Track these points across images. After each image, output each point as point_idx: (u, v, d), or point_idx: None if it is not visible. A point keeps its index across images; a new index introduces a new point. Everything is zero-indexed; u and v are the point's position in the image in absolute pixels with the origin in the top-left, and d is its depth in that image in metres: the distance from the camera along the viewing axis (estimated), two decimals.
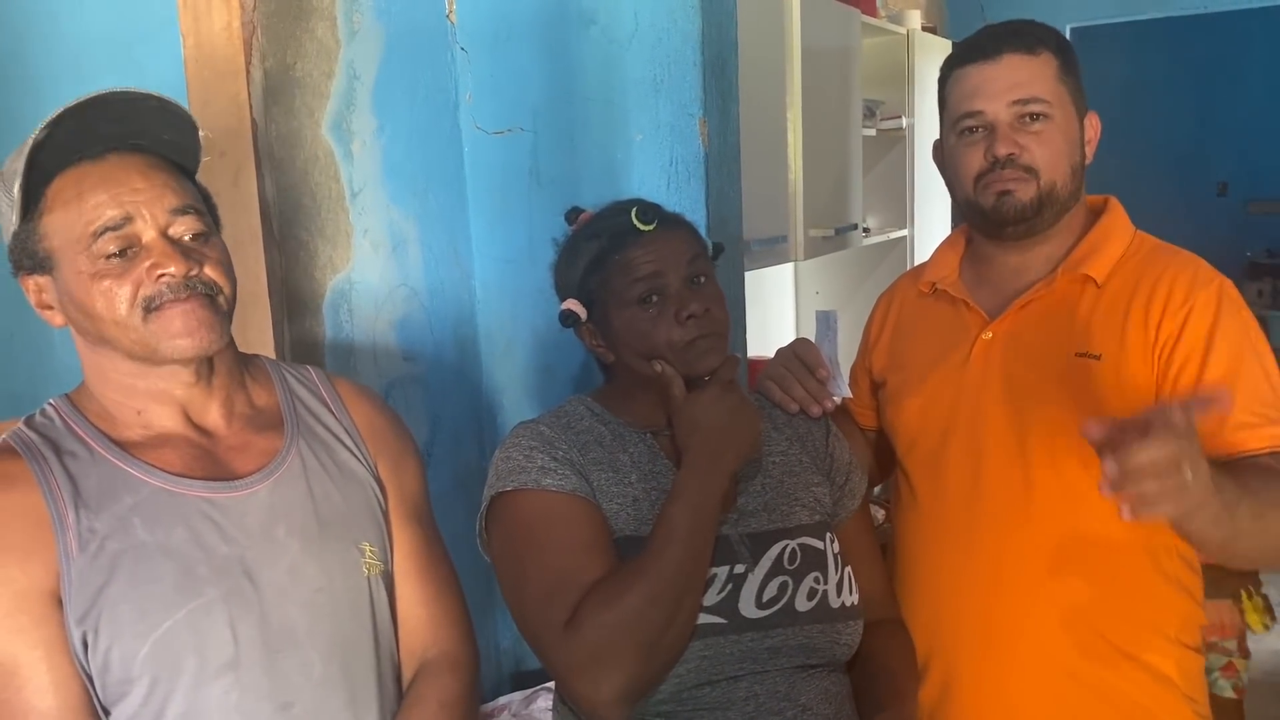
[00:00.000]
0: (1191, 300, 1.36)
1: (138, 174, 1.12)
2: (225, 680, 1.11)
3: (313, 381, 1.32)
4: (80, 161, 1.11)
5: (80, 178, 1.10)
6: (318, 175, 1.63)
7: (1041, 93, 1.41)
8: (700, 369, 1.33)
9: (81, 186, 1.10)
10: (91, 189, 1.10)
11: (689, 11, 1.74)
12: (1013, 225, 1.44)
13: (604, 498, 1.32)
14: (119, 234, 1.10)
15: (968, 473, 1.47)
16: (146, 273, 1.10)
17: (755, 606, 1.28)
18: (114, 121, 1.11)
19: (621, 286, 1.35)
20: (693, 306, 1.32)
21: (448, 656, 1.29)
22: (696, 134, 1.78)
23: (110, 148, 1.12)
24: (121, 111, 1.10)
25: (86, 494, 1.10)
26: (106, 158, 1.12)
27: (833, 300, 3.55)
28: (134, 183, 1.11)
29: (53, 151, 1.09)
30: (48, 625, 1.06)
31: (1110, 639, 1.41)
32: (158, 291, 1.10)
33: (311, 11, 1.61)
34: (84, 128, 1.09)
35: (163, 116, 1.13)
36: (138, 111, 1.12)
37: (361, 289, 1.70)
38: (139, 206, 1.10)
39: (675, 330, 1.32)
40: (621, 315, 1.35)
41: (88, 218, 1.09)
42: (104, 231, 1.09)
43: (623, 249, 1.35)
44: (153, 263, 1.10)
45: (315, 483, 1.22)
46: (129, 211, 1.10)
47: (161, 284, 1.10)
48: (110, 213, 1.09)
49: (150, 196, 1.11)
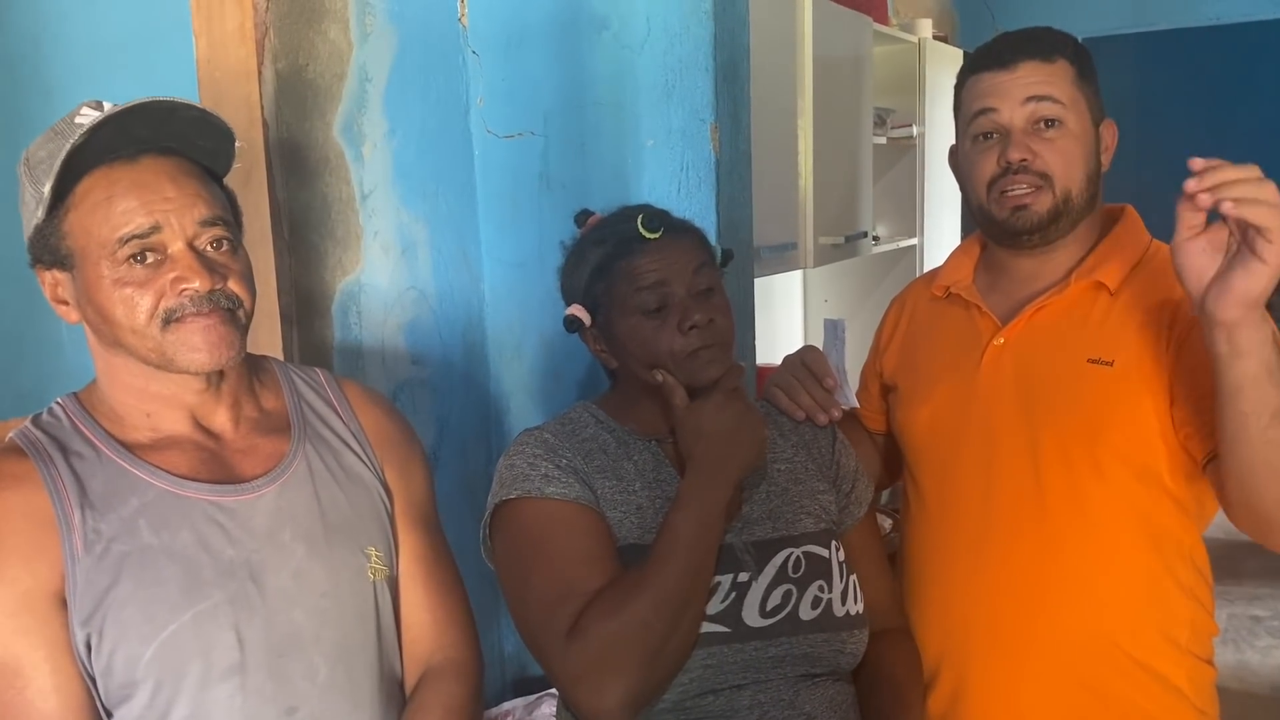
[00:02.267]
0: None
1: (169, 181, 1.10)
2: (230, 684, 1.11)
3: (321, 385, 1.31)
4: (112, 161, 1.09)
5: (112, 180, 1.09)
6: (328, 177, 1.63)
7: (1057, 95, 1.40)
8: (702, 379, 1.32)
9: (112, 190, 1.08)
10: (122, 194, 1.08)
11: (701, 17, 1.74)
12: (1027, 236, 1.44)
13: (608, 506, 1.32)
14: (145, 242, 1.08)
15: (979, 479, 1.46)
16: (170, 285, 1.09)
17: (759, 615, 1.28)
18: (151, 125, 1.09)
19: (626, 294, 1.34)
20: (696, 317, 1.31)
21: (452, 663, 1.28)
22: (708, 140, 1.77)
23: (144, 149, 1.10)
24: (160, 117, 1.09)
25: (93, 495, 1.10)
26: (139, 160, 1.10)
27: (841, 308, 3.54)
28: (165, 190, 1.09)
29: (85, 148, 1.07)
30: (52, 626, 1.06)
31: (1122, 647, 1.40)
32: (179, 304, 1.09)
33: (324, 14, 1.62)
34: (120, 129, 1.08)
35: (200, 125, 1.12)
36: (176, 117, 1.10)
37: (371, 292, 1.70)
38: (168, 215, 1.09)
39: (678, 340, 1.32)
40: (625, 323, 1.35)
41: (115, 223, 1.08)
42: (130, 239, 1.08)
43: (628, 256, 1.34)
44: (177, 275, 1.09)
45: (322, 487, 1.22)
46: (158, 221, 1.08)
47: (184, 297, 1.09)
48: (139, 220, 1.08)
49: (180, 206, 1.09)
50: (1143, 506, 1.39)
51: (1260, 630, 3.74)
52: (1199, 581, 1.44)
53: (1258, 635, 3.71)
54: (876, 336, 1.71)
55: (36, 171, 1.10)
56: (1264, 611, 3.85)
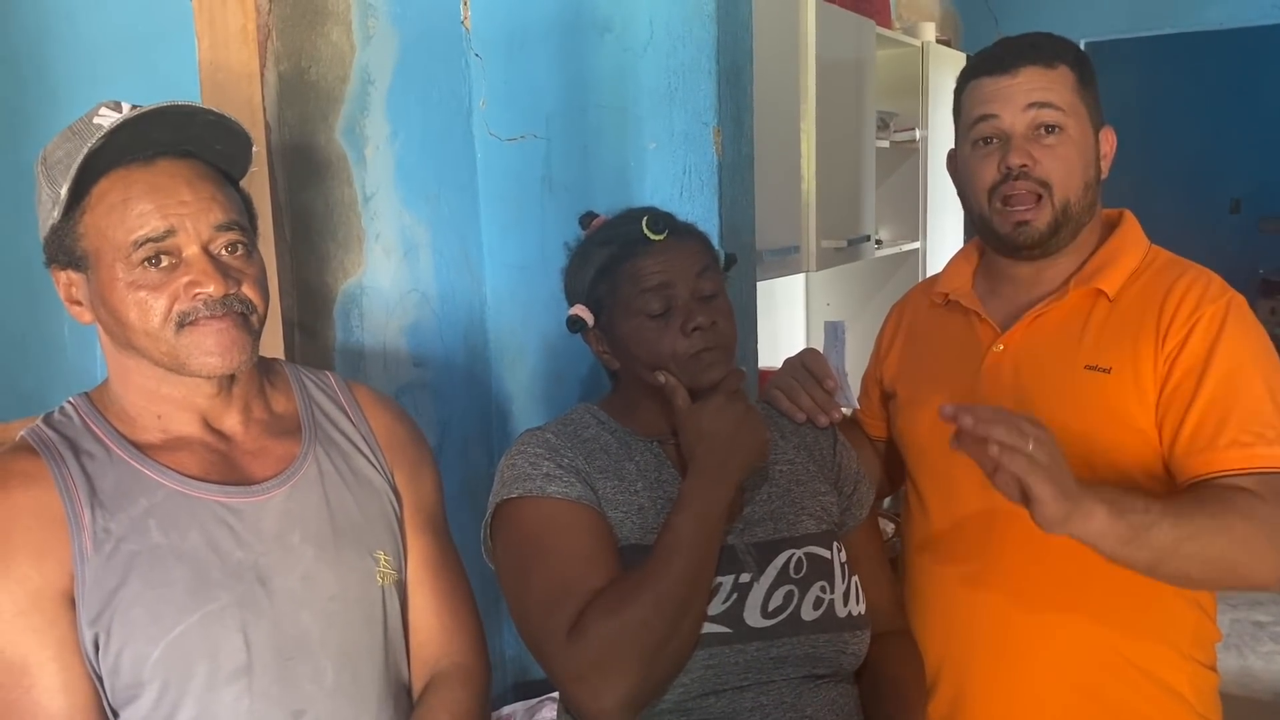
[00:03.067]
0: (1198, 314, 1.35)
1: (185, 184, 1.10)
2: (237, 686, 1.11)
3: (332, 388, 1.31)
4: (129, 164, 1.09)
5: (129, 182, 1.09)
6: (330, 180, 1.63)
7: (1057, 101, 1.40)
8: (704, 381, 1.33)
9: (129, 192, 1.08)
10: (139, 197, 1.08)
11: (704, 20, 1.74)
12: (1027, 250, 1.44)
13: (610, 506, 1.32)
14: (161, 245, 1.08)
15: (979, 485, 1.44)
16: (184, 289, 1.09)
17: (761, 616, 1.28)
18: (168, 128, 1.10)
19: (629, 295, 1.34)
20: (699, 319, 1.32)
21: (460, 668, 1.29)
22: (710, 143, 1.77)
23: (161, 152, 1.10)
24: (177, 121, 1.10)
25: (103, 494, 1.10)
26: (156, 163, 1.10)
27: (844, 312, 3.54)
28: (181, 194, 1.09)
29: (102, 149, 1.07)
30: (60, 625, 1.06)
31: (1124, 653, 1.40)
32: (193, 308, 1.09)
33: (327, 16, 1.62)
34: (137, 132, 1.08)
35: (217, 129, 1.13)
36: (193, 121, 1.11)
37: (373, 294, 1.70)
38: (184, 219, 1.09)
39: (681, 342, 1.32)
40: (628, 324, 1.35)
41: (130, 225, 1.08)
42: (145, 242, 1.08)
43: (632, 258, 1.35)
44: (191, 279, 1.09)
45: (331, 490, 1.22)
46: (173, 224, 1.09)
47: (198, 301, 1.09)
48: (155, 223, 1.08)
49: (196, 209, 1.10)
50: None
51: (1263, 636, 3.74)
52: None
53: (1261, 641, 3.70)
54: (877, 343, 1.71)
55: (54, 172, 1.10)
56: (1267, 617, 3.85)
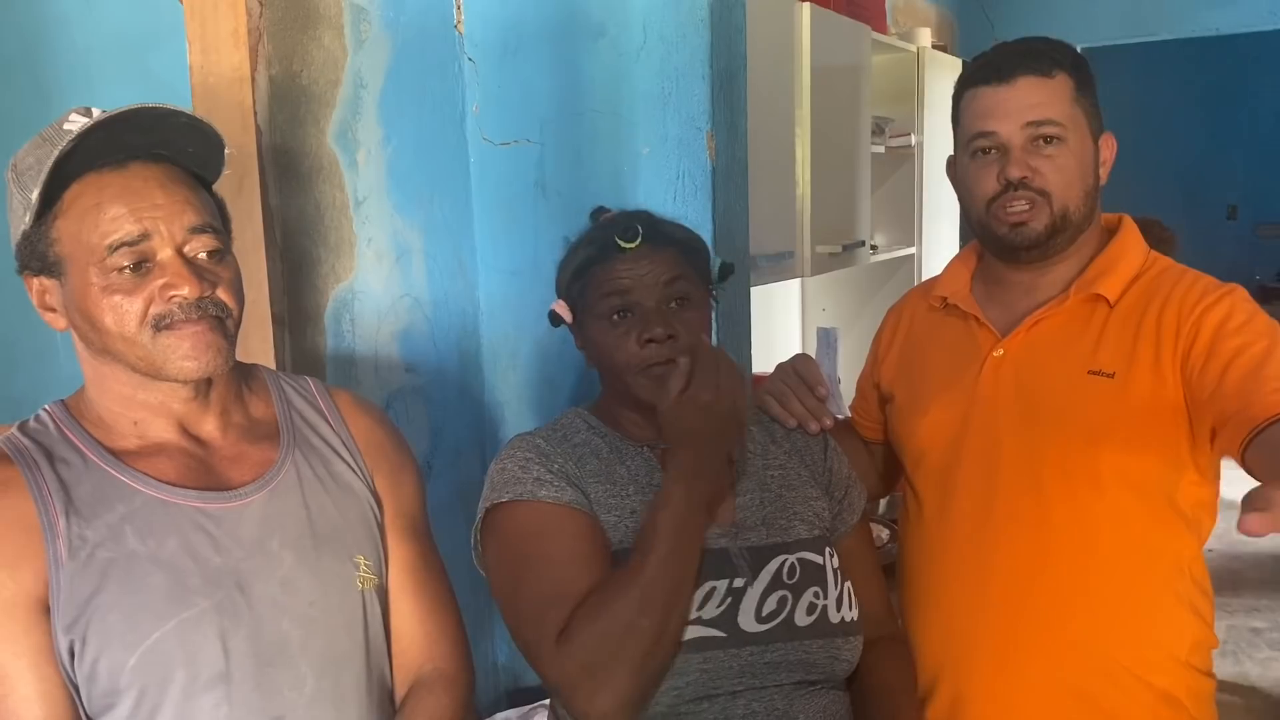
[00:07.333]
0: (1201, 305, 1.35)
1: (158, 187, 1.09)
2: (215, 693, 1.10)
3: (311, 393, 1.30)
4: (101, 168, 1.09)
5: (101, 186, 1.08)
6: (322, 184, 1.62)
7: (1056, 115, 1.40)
8: (649, 396, 1.31)
9: (101, 196, 1.08)
10: (111, 200, 1.08)
11: (698, 25, 1.74)
12: (1025, 252, 1.44)
13: (601, 510, 1.32)
14: (134, 249, 1.08)
15: (979, 490, 1.45)
16: (159, 291, 1.08)
17: (755, 620, 1.28)
18: (140, 131, 1.09)
19: (594, 299, 1.36)
20: (656, 330, 1.31)
21: (442, 674, 1.27)
22: (704, 148, 1.77)
23: (133, 155, 1.10)
24: (149, 123, 1.09)
25: (78, 501, 1.09)
26: (129, 166, 1.09)
27: (839, 318, 3.54)
28: (154, 197, 1.09)
29: (73, 154, 1.06)
30: (35, 633, 1.05)
31: (1121, 660, 1.40)
32: (169, 311, 1.09)
33: (319, 20, 1.61)
34: (109, 136, 1.07)
35: (190, 131, 1.12)
36: (165, 124, 1.10)
37: (364, 299, 1.69)
38: (157, 223, 1.08)
39: (635, 352, 1.32)
40: (594, 327, 1.37)
41: (104, 229, 1.07)
42: (119, 246, 1.07)
43: (604, 261, 1.35)
44: (166, 282, 1.08)
45: (310, 495, 1.21)
46: (146, 228, 1.08)
47: (173, 304, 1.09)
48: (128, 227, 1.07)
49: (169, 213, 1.09)
50: (1142, 519, 1.39)
51: (1260, 642, 3.74)
52: (1198, 594, 1.43)
53: (1257, 647, 3.71)
54: (874, 346, 1.71)
55: (24, 178, 1.09)
56: (1263, 623, 3.85)
